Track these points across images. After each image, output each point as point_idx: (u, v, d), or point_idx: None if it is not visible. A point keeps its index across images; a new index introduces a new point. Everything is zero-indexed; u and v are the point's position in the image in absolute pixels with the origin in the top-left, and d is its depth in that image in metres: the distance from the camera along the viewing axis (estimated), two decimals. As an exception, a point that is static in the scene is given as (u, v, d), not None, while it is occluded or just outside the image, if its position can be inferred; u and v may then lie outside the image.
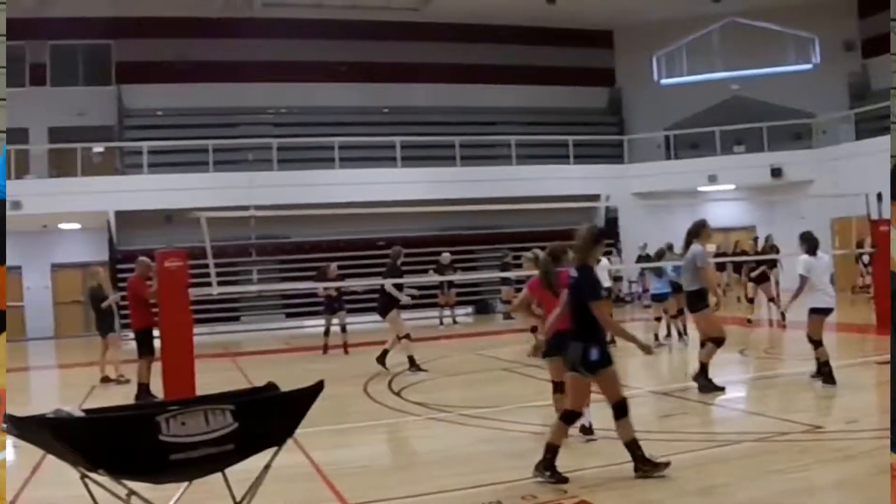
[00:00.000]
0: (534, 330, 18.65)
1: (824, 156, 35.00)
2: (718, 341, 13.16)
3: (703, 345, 13.49)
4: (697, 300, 13.32)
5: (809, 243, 13.74)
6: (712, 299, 13.38)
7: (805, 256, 13.64)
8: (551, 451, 8.55)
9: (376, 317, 19.49)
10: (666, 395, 13.93)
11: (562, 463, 8.58)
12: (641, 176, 37.65)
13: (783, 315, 22.05)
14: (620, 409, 8.58)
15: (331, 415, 11.95)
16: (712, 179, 36.51)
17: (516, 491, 8.35)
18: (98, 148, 35.04)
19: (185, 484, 6.54)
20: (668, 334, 21.07)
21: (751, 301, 25.49)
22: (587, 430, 10.22)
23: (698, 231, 13.53)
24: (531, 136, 38.47)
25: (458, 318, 30.37)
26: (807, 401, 12.85)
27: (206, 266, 14.93)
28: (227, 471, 6.45)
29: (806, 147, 36.78)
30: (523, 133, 38.55)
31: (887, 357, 11.74)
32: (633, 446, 8.53)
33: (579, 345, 8.55)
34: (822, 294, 13.43)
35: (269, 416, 6.40)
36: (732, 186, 37.34)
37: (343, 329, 22.61)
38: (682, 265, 13.59)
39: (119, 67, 36.32)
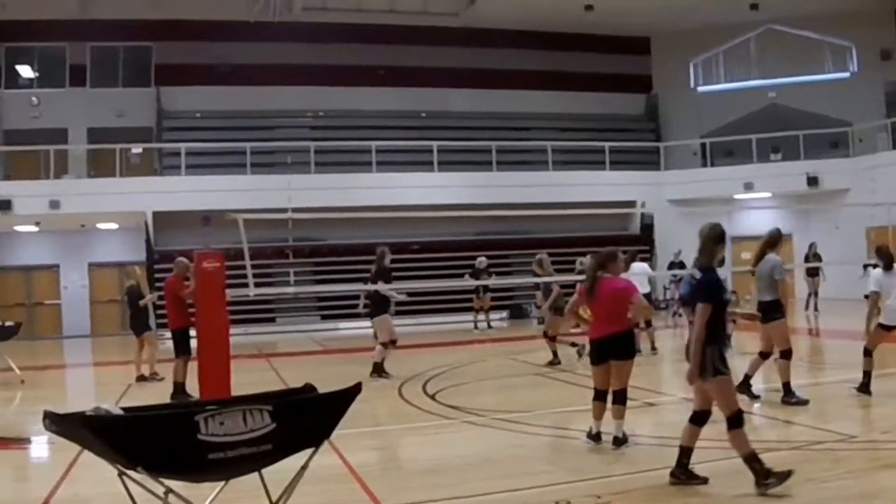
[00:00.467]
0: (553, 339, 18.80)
1: (860, 164, 34.79)
2: (788, 354, 12.89)
3: (762, 356, 13.25)
4: (773, 310, 12.80)
5: (886, 259, 13.20)
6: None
7: (878, 271, 13.22)
8: (687, 454, 8.59)
9: (407, 319, 19.53)
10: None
11: (592, 468, 8.62)
12: (677, 183, 37.61)
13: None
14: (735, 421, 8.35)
15: (365, 417, 12.03)
16: (748, 187, 36.37)
17: (549, 496, 8.35)
18: (136, 149, 35.14)
19: (222, 483, 6.56)
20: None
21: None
22: (596, 437, 10.29)
23: (775, 241, 13.12)
24: (568, 141, 38.45)
25: (492, 323, 30.33)
26: (842, 410, 12.79)
27: (243, 267, 15.00)
28: (266, 471, 6.49)
29: (842, 156, 36.48)
30: (560, 139, 38.54)
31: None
32: (751, 460, 8.30)
33: (715, 348, 8.35)
34: (892, 311, 13.00)
35: (306, 417, 6.43)
36: (768, 194, 37.12)
37: None
38: (757, 274, 12.91)
39: (158, 69, 36.52)
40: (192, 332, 15.51)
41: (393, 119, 38.02)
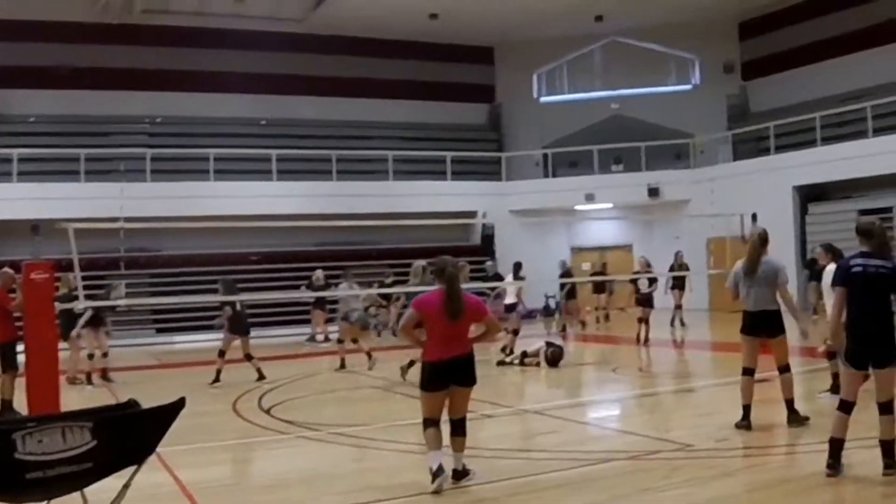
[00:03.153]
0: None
1: (701, 176, 35.55)
2: (788, 367, 11.78)
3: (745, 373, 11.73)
4: (780, 322, 11.65)
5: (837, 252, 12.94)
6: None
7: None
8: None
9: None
10: (538, 413, 13.91)
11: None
12: (519, 193, 37.83)
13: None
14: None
15: (198, 433, 11.74)
16: (590, 198, 36.82)
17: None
18: (-35, 155, 34.05)
19: (43, 504, 6.27)
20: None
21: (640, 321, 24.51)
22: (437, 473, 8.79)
23: (767, 240, 11.87)
24: (409, 151, 38.45)
25: (331, 335, 29.93)
26: (679, 419, 12.95)
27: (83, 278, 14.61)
28: (88, 490, 6.23)
29: (684, 167, 37.32)
30: (402, 148, 38.51)
31: (762, 376, 11.81)
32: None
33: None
34: None
35: (128, 434, 6.21)
36: (610, 205, 37.67)
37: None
38: (756, 279, 11.56)
39: (-9, 72, 35.41)
40: (20, 347, 14.98)
41: (233, 126, 37.39)
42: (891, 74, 31.52)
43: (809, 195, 32.57)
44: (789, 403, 11.42)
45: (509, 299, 21.82)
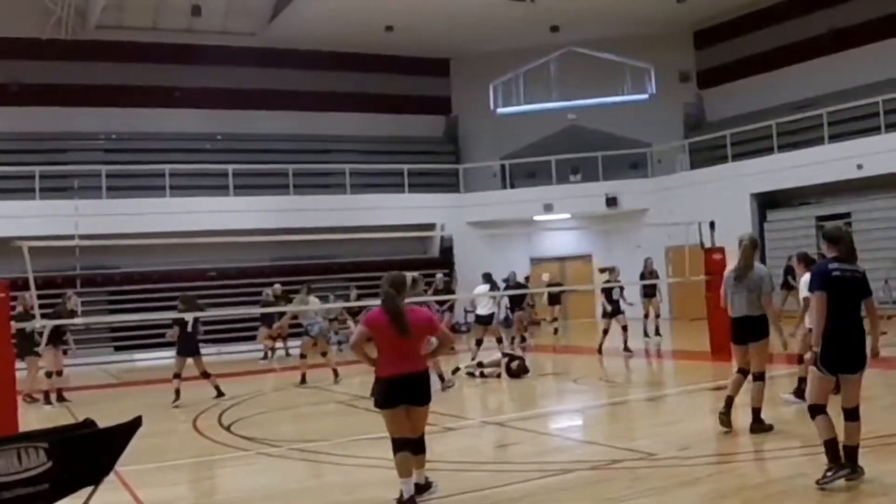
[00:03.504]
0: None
1: (659, 185, 35.81)
2: (763, 376, 11.69)
3: (742, 372, 11.80)
4: (764, 327, 11.56)
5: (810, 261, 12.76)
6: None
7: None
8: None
9: (205, 349, 19.13)
10: (500, 425, 13.88)
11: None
12: (477, 205, 37.83)
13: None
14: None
15: (158, 451, 11.67)
16: (548, 208, 36.91)
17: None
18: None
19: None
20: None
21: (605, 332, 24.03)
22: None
23: (757, 246, 12.01)
24: (367, 164, 38.45)
25: (291, 350, 29.63)
26: (642, 428, 12.95)
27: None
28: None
29: (641, 176, 37.45)
30: (360, 161, 38.50)
31: (721, 383, 11.85)
32: None
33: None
34: None
35: (84, 454, 6.13)
36: (568, 215, 37.75)
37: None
38: (746, 285, 11.45)
39: (-57, 89, 35.02)
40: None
41: (188, 141, 37.27)
42: (844, 82, 31.79)
43: (767, 202, 32.84)
44: (756, 412, 11.37)
45: (483, 310, 21.69)
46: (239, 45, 37.33)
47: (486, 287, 21.90)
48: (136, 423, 6.29)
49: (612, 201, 36.34)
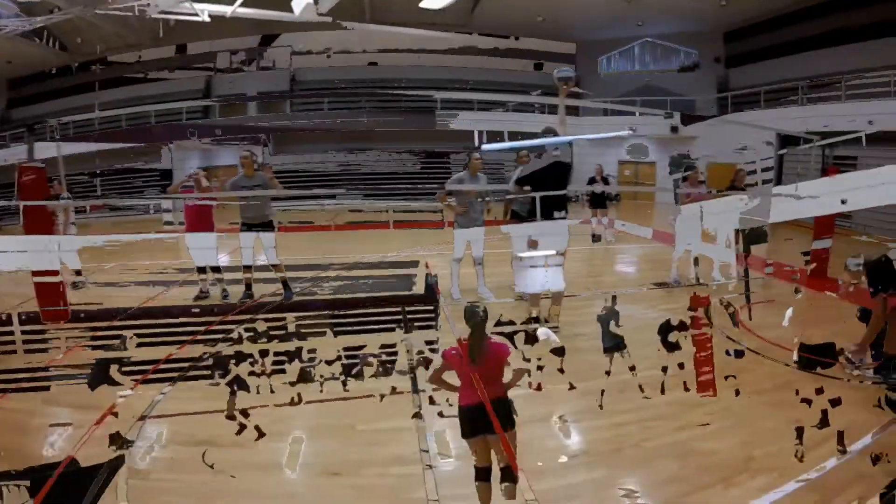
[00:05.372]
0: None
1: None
2: None
3: None
4: None
5: None
6: None
7: None
8: None
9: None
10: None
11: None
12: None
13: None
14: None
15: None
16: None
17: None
18: None
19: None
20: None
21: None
22: None
23: None
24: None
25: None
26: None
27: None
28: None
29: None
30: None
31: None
32: None
33: None
34: None
35: (65, 494, 6.18)
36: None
37: None
38: None
39: None
40: None
41: None
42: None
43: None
44: None
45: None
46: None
47: None
48: (117, 461, 6.30)
49: (674, 129, 41.04)
